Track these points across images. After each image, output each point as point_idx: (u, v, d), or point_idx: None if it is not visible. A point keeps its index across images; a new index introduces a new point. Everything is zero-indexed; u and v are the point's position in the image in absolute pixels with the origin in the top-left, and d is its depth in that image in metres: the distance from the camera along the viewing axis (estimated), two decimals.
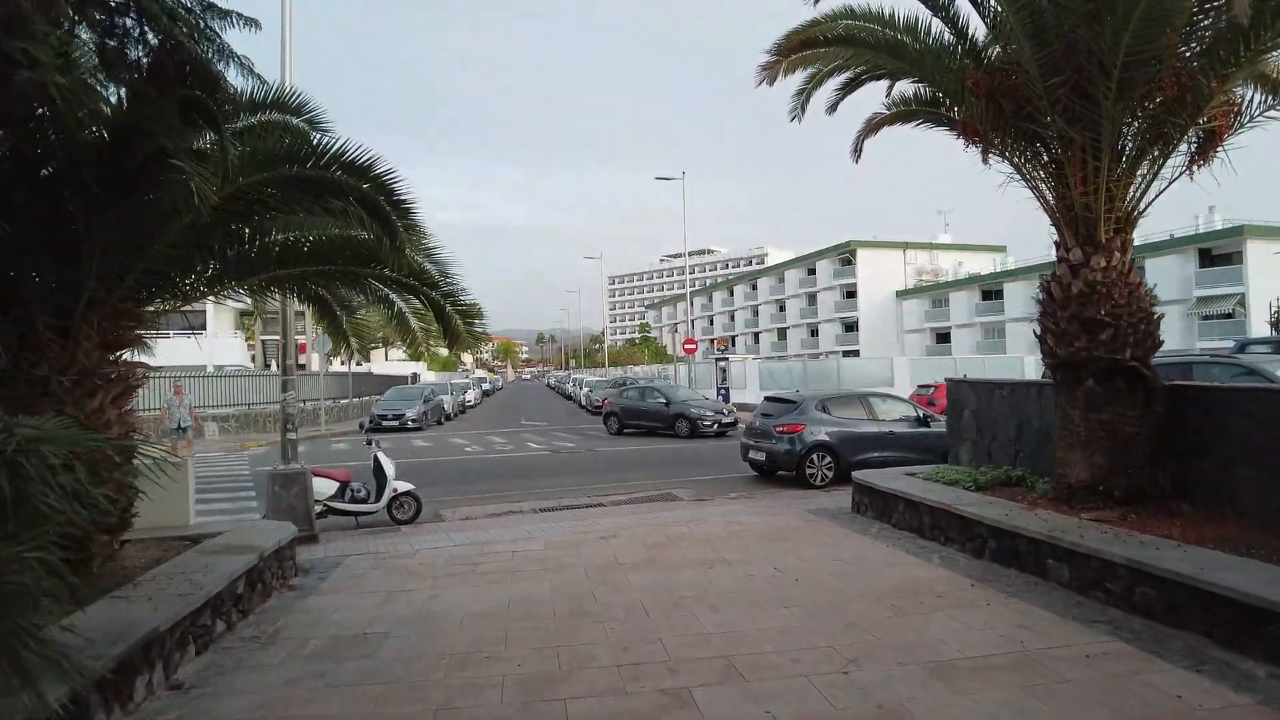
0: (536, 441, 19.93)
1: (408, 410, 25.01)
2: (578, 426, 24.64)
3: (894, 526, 8.16)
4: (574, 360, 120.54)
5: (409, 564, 7.26)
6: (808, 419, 12.44)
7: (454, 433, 23.58)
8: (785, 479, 12.12)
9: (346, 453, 17.68)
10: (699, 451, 16.71)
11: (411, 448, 19.07)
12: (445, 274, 6.25)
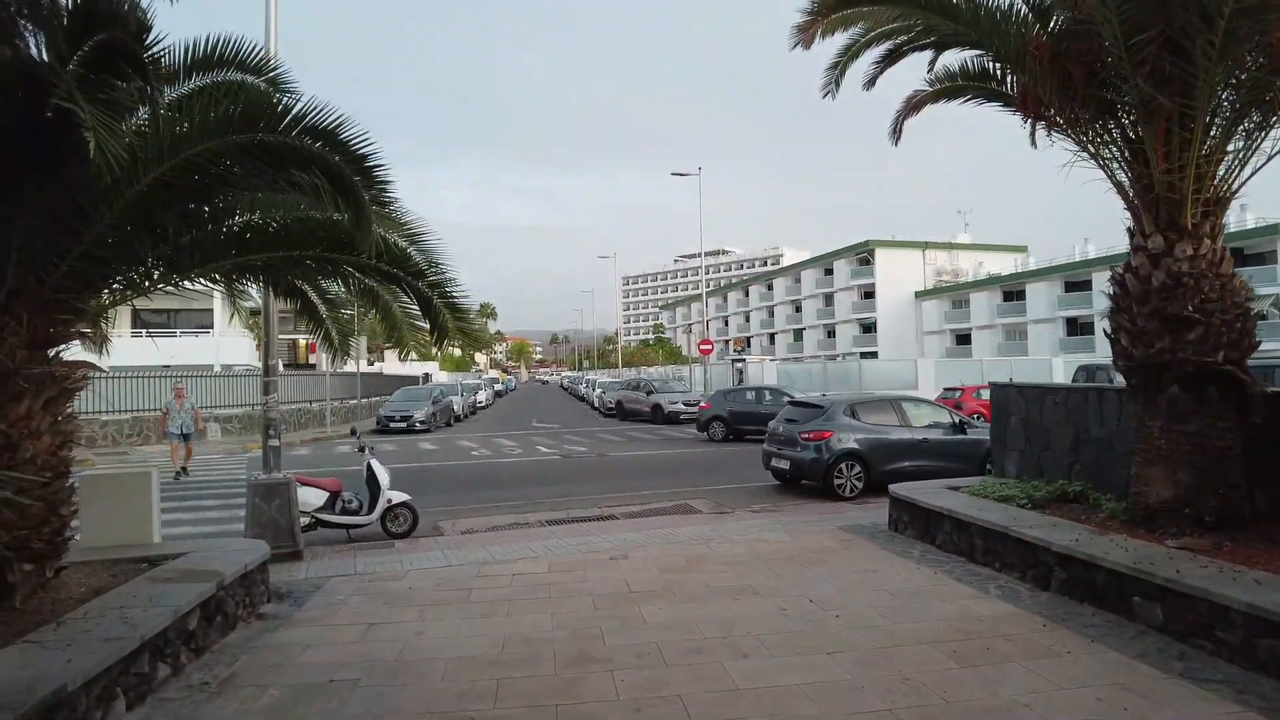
0: (547, 445, 19.44)
1: (415, 411, 24.57)
2: (590, 430, 24.22)
3: (939, 548, 7.39)
4: (588, 361, 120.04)
5: (397, 588, 6.56)
6: (836, 425, 11.59)
7: (463, 435, 23.23)
8: (810, 489, 11.51)
9: (350, 456, 16.97)
10: (718, 458, 16.01)
11: (417, 450, 18.62)
12: (433, 263, 5.44)
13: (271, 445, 7.97)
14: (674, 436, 21.10)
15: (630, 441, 19.85)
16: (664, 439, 20.45)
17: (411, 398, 26.14)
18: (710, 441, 19.27)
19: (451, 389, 31.54)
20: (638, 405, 27.32)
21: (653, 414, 25.97)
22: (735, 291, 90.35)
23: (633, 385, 30.21)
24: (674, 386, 28.35)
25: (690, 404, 25.28)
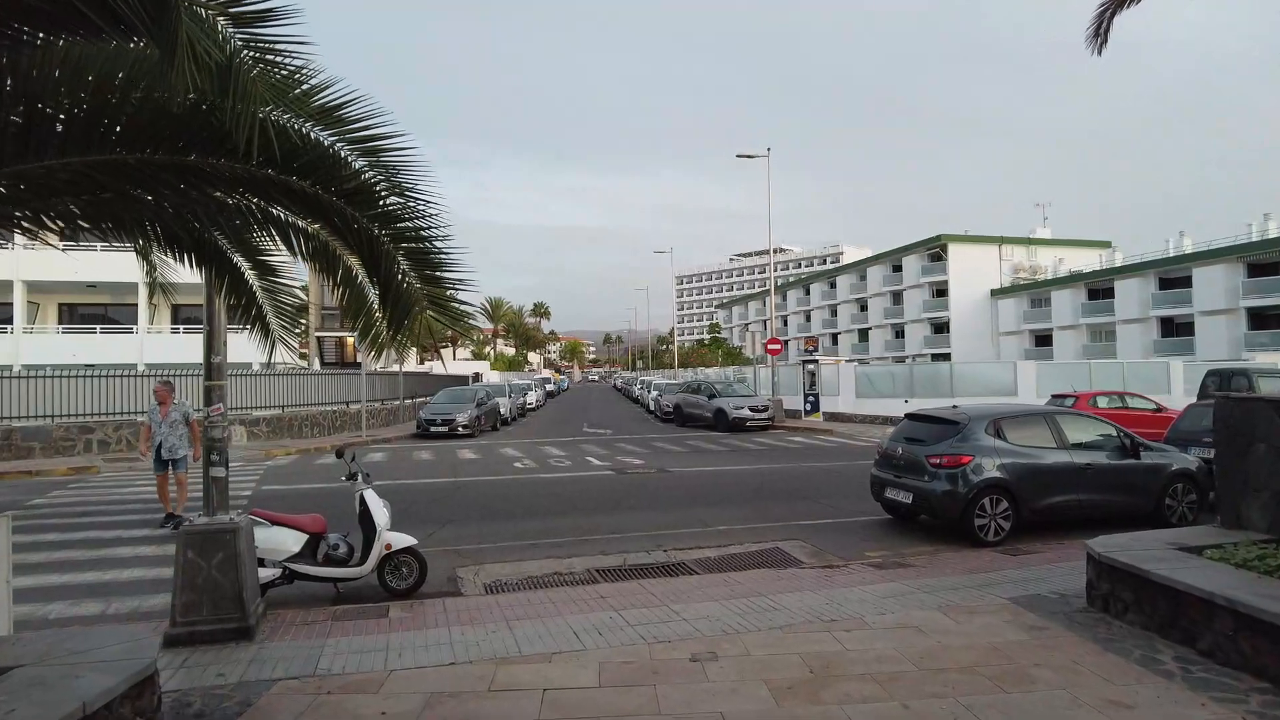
0: (598, 456, 18.28)
1: (458, 415, 23.47)
2: (646, 437, 23.10)
3: (1202, 654, 5.08)
4: (641, 361, 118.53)
5: (366, 709, 4.54)
6: (976, 447, 9.08)
7: (508, 441, 22.38)
8: (934, 526, 9.65)
9: (383, 465, 16.15)
10: (803, 477, 14.59)
11: (454, 461, 17.68)
12: (398, 188, 3.01)
13: (215, 476, 5.74)
14: (742, 447, 19.85)
15: (693, 453, 18.60)
16: (731, 450, 19.16)
17: (455, 399, 25.00)
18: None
19: (499, 390, 30.64)
20: (698, 410, 26.43)
21: (715, 420, 25.02)
22: (795, 290, 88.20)
23: (692, 388, 29.07)
24: (738, 390, 27.31)
25: (758, 409, 24.48)
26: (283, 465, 16.86)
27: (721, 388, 27.26)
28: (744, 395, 26.39)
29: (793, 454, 18.19)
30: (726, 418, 24.66)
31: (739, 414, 24.56)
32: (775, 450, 19.09)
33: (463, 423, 23.75)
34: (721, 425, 24.76)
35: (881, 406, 26.10)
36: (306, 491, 13.09)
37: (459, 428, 23.60)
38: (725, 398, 25.72)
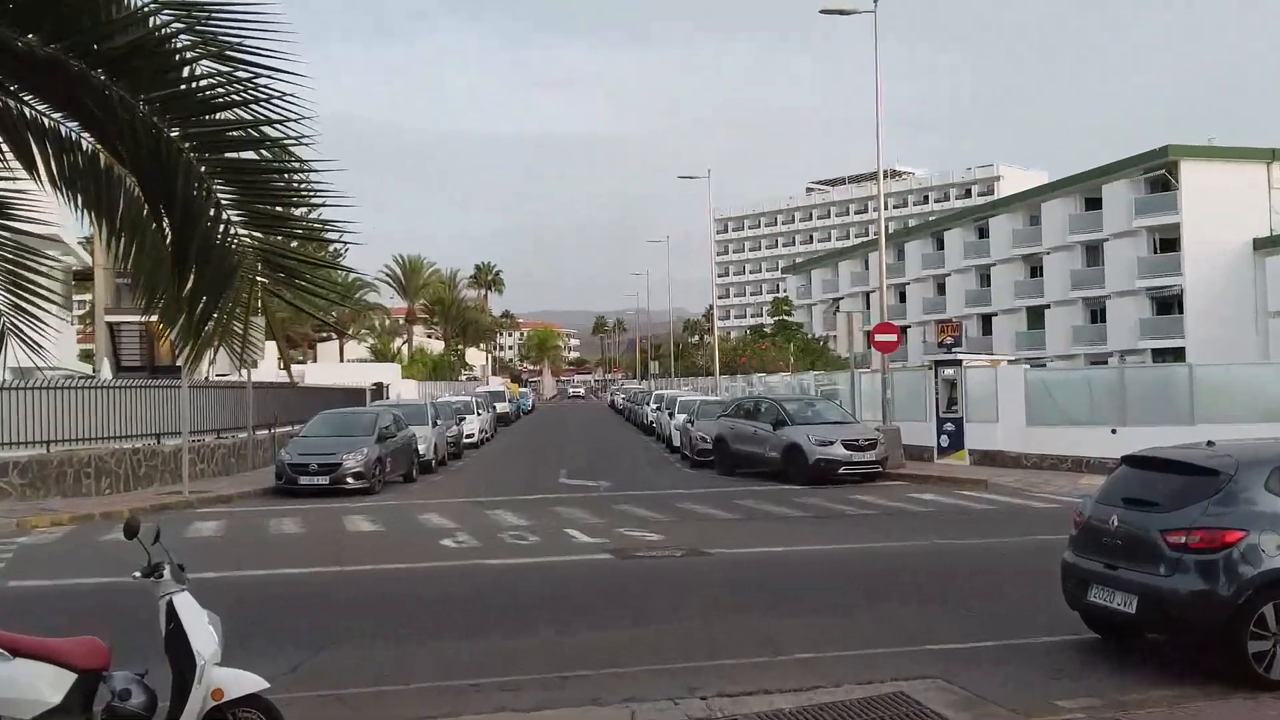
0: (587, 526, 18.99)
1: (345, 457, 24.99)
2: (667, 494, 24.53)
3: None
4: (656, 363, 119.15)
5: None
6: (1251, 514, 8.96)
7: (431, 500, 23.71)
8: (1175, 651, 9.88)
9: (216, 545, 17.05)
10: (932, 563, 15.16)
11: (340, 536, 18.43)
12: (242, 79, 3.05)
13: None
14: (832, 511, 21.00)
15: (749, 521, 19.78)
16: (813, 516, 20.33)
17: (341, 429, 26.65)
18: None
19: (416, 413, 31.72)
20: (756, 447, 27.72)
21: (785, 463, 26.32)
22: (918, 240, 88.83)
23: (746, 409, 29.89)
24: (822, 412, 28.31)
25: (858, 445, 25.78)
26: (44, 545, 17.16)
27: (795, 408, 28.02)
28: (834, 421, 27.08)
29: (920, 523, 18.90)
30: (805, 459, 25.56)
31: (826, 453, 25.43)
32: (890, 517, 19.86)
33: (353, 469, 24.57)
34: (797, 472, 25.71)
35: (1071, 439, 26.30)
36: (81, 591, 13.22)
37: (347, 477, 24.45)
38: (802, 425, 26.47)
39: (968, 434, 27.69)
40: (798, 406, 28.20)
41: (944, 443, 27.94)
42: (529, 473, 30.89)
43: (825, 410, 28.34)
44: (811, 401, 29.88)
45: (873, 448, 25.40)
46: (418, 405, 34.94)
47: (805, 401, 29.70)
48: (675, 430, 36.98)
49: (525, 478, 29.28)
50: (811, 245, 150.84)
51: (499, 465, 34.44)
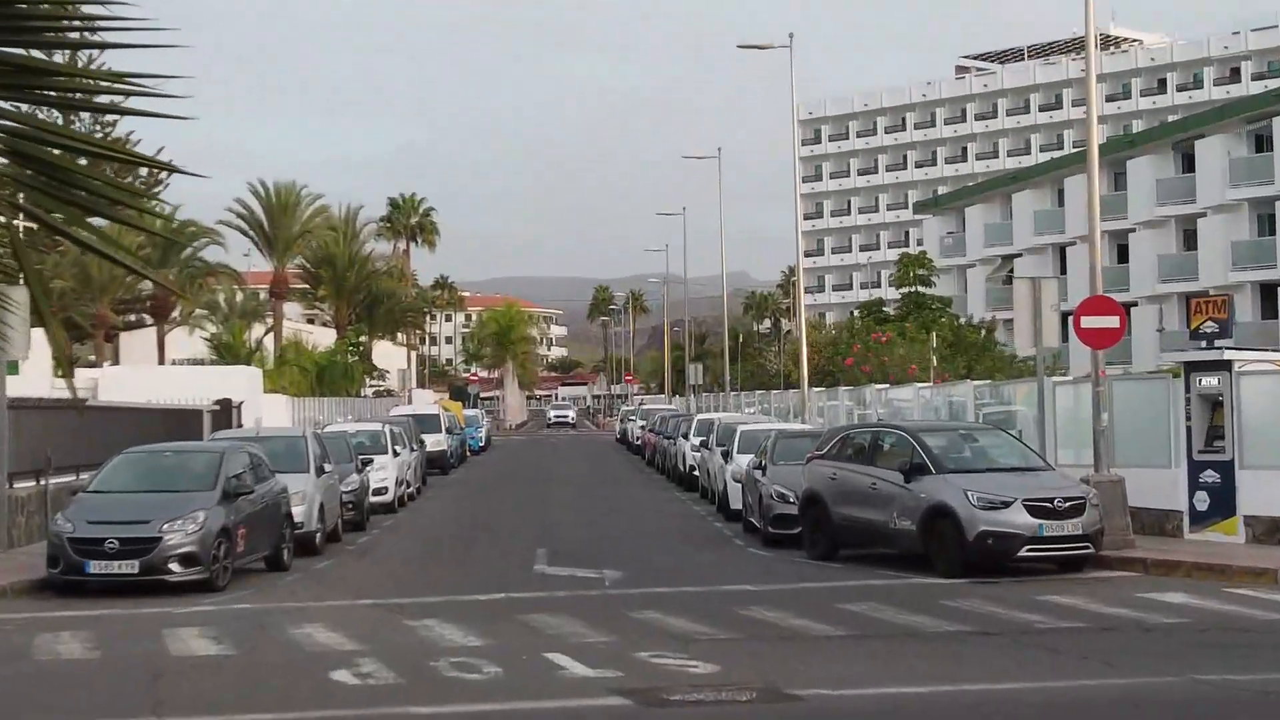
0: (581, 650, 18.87)
1: (168, 526, 25.45)
2: (722, 589, 25.14)
3: None
4: (701, 366, 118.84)
5: None
6: None
7: (316, 597, 24.37)
8: None
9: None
10: (1136, 710, 15.42)
11: (157, 663, 18.61)
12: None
13: None
14: (1013, 624, 20.82)
15: (861, 638, 20.00)
16: (977, 633, 20.26)
17: (159, 479, 27.58)
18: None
19: (289, 451, 32.98)
20: (873, 511, 27.83)
21: (926, 538, 26.37)
22: (1152, 155, 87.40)
23: (855, 446, 30.55)
24: (990, 453, 28.72)
25: (1054, 508, 25.71)
26: None
27: (942, 445, 28.15)
28: (1009, 468, 27.25)
29: (1168, 647, 18.77)
30: (960, 533, 25.59)
31: (998, 523, 25.48)
32: (1111, 635, 19.70)
33: (181, 548, 25.07)
34: (946, 556, 25.95)
35: None
36: None
37: (171, 563, 24.94)
38: (955, 475, 26.54)
39: (1242, 489, 27.35)
40: (946, 442, 28.37)
41: (1201, 504, 27.53)
42: (483, 553, 31.01)
43: (994, 448, 28.38)
44: (970, 433, 29.87)
45: (1078, 513, 25.17)
46: (291, 438, 35.11)
47: (959, 433, 30.01)
48: (733, 482, 37.18)
49: (477, 562, 29.36)
50: (964, 165, 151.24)
51: (431, 541, 34.59)
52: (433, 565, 29.37)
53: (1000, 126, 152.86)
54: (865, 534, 27.95)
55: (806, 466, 30.23)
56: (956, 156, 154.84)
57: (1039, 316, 30.43)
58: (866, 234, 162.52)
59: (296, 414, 63.36)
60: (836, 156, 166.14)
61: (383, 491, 41.02)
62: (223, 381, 60.71)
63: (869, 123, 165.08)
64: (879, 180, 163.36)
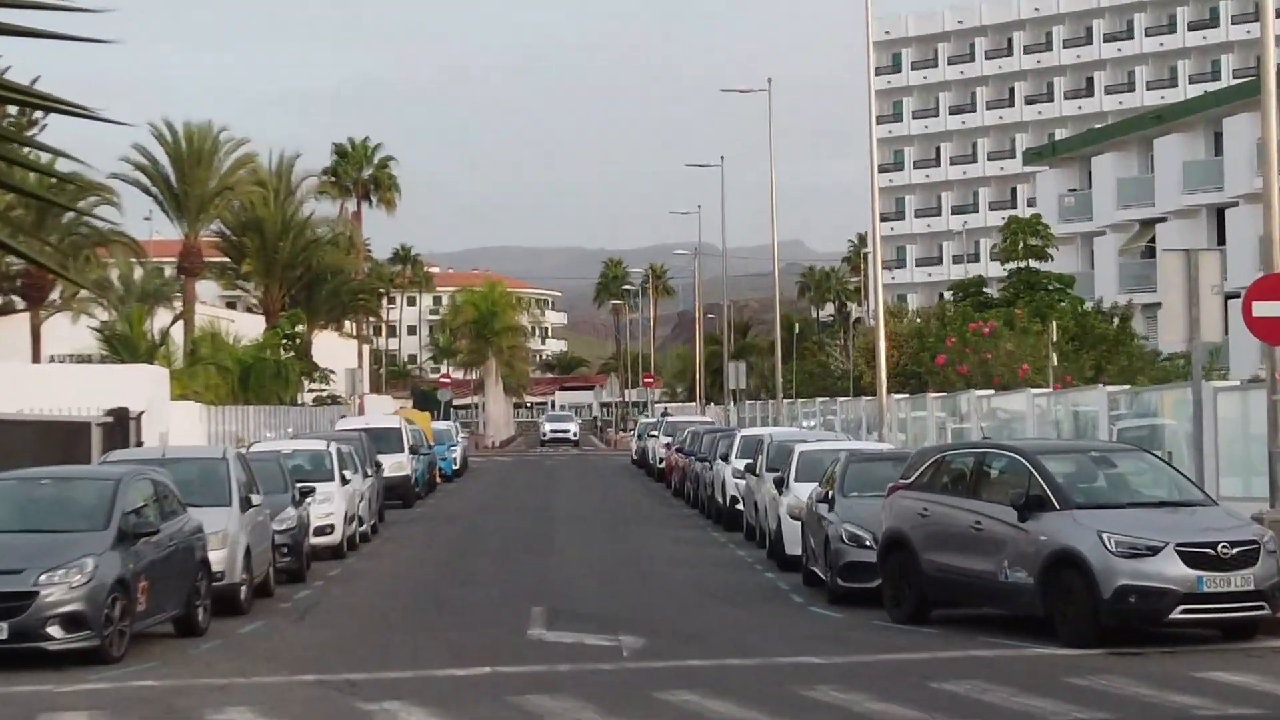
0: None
1: (44, 578, 25.45)
2: (781, 668, 24.99)
3: None
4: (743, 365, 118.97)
5: None
6: None
7: (239, 672, 24.77)
8: None
9: None
10: None
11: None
12: None
13: None
14: (1166, 706, 20.98)
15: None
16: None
17: (33, 515, 27.81)
18: None
19: (206, 477, 33.30)
20: (976, 559, 27.78)
21: (1046, 595, 26.02)
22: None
23: (951, 473, 30.64)
24: (1131, 481, 28.90)
25: (1216, 554, 25.45)
26: None
27: (1067, 471, 28.00)
28: (1156, 502, 27.14)
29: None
30: (1093, 588, 25.43)
31: (1143, 575, 25.30)
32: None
33: (62, 606, 24.91)
34: (1074, 617, 25.75)
35: None
36: None
37: (49, 624, 24.79)
38: (1085, 512, 26.26)
39: None
40: (1074, 467, 28.30)
41: None
42: (460, 613, 31.31)
43: (1137, 475, 28.41)
44: (1105, 455, 29.71)
45: (1249, 562, 24.79)
46: (208, 461, 35.38)
47: (1091, 455, 29.85)
48: (789, 520, 37.38)
49: (453, 625, 29.53)
50: (1089, 100, 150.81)
51: (391, 596, 34.60)
52: (394, 629, 29.26)
53: (1137, 50, 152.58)
54: (966, 589, 27.80)
55: (888, 500, 30.07)
56: (1079, 90, 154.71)
57: (1193, 301, 30.27)
58: (961, 192, 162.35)
59: (214, 428, 63.38)
60: (921, 90, 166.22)
61: (328, 531, 40.89)
62: (117, 384, 59.45)
63: (964, 45, 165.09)
64: (977, 121, 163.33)
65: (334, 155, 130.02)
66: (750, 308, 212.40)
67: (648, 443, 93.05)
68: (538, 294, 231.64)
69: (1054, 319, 74.14)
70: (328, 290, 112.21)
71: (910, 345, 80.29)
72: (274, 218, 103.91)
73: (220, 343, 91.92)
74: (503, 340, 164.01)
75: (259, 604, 31.85)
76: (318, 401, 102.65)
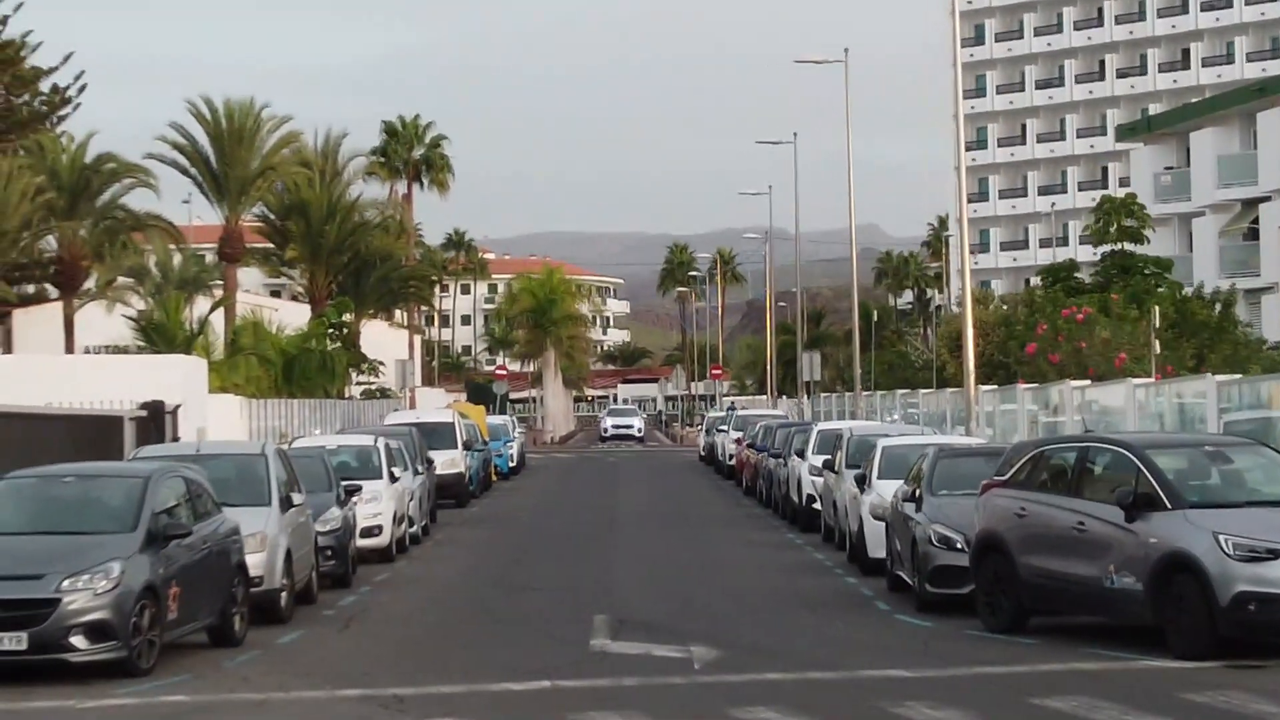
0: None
1: (68, 583, 25.17)
2: (865, 681, 25.04)
3: None
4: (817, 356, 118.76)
5: None
6: None
7: (277, 686, 24.68)
8: None
9: None
10: None
11: None
12: None
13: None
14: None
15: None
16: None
17: (55, 515, 27.84)
18: None
19: (243, 475, 33.51)
20: (1078, 563, 27.40)
21: (1157, 603, 25.61)
22: None
23: (1049, 469, 29.81)
24: (1248, 478, 28.18)
25: None
26: None
27: (1177, 467, 27.43)
28: (1275, 500, 26.52)
29: None
30: (1209, 595, 24.81)
31: (1265, 577, 24.61)
32: None
33: (88, 615, 24.61)
34: (1187, 627, 25.51)
35: None
36: None
37: (73, 634, 24.46)
38: (1198, 511, 25.76)
39: None
40: (1187, 463, 27.83)
41: None
42: (518, 622, 31.35)
43: (1255, 471, 27.87)
44: (1220, 450, 29.27)
45: None
46: (246, 457, 35.39)
47: (1205, 450, 29.43)
48: (872, 520, 37.42)
49: (509, 634, 29.64)
50: (1186, 73, 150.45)
51: (443, 603, 34.39)
52: (446, 640, 29.29)
53: (1237, 19, 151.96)
54: (1067, 595, 27.37)
55: (982, 499, 29.89)
56: (1174, 62, 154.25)
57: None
58: (1048, 171, 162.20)
59: (255, 422, 63.50)
60: (1006, 63, 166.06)
61: (375, 532, 40.75)
62: (152, 376, 59.52)
63: (1051, 15, 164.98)
64: (1065, 96, 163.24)
65: (383, 134, 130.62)
66: (823, 296, 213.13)
67: (716, 438, 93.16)
68: (598, 281, 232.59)
69: (1154, 304, 73.88)
70: (377, 277, 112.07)
71: (997, 334, 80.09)
72: (320, 200, 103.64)
73: (262, 332, 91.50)
74: (562, 330, 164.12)
75: (300, 611, 31.79)
76: (366, 395, 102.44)
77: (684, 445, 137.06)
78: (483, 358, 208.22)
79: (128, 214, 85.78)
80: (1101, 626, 26.97)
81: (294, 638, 28.99)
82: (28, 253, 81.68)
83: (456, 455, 63.27)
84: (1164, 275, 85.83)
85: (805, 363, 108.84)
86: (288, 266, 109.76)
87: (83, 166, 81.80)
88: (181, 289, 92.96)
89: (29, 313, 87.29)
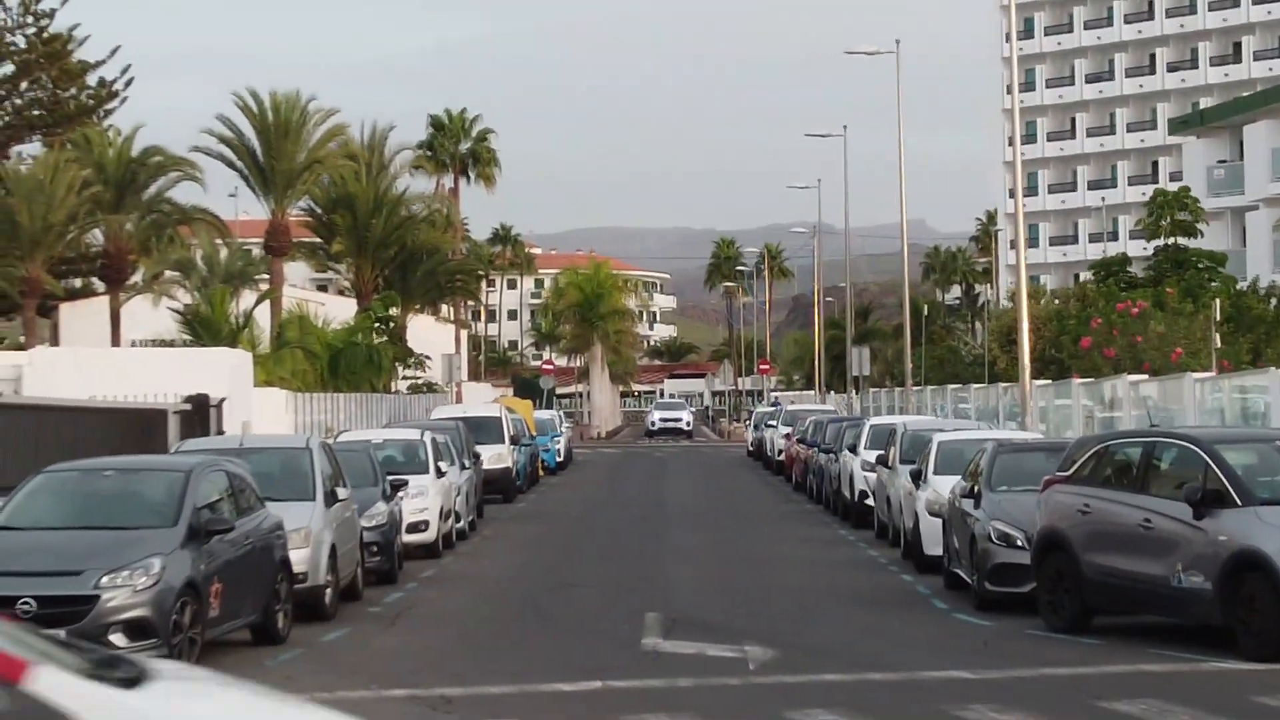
0: None
1: (108, 579, 25.29)
2: (924, 682, 25.20)
3: None
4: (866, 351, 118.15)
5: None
6: None
7: (325, 685, 24.36)
8: None
9: None
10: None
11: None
12: None
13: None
14: None
15: None
16: None
17: (96, 510, 28.07)
18: None
19: (287, 469, 33.83)
20: (1143, 561, 27.61)
21: (1226, 603, 25.67)
22: None
23: (1112, 464, 30.67)
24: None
25: None
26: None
27: (1245, 463, 27.79)
28: None
29: None
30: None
31: None
32: None
33: (128, 611, 24.72)
34: (1258, 628, 25.46)
35: None
36: None
37: (113, 631, 24.45)
38: (1270, 508, 25.99)
39: None
40: (1257, 458, 27.83)
41: None
42: (567, 620, 31.44)
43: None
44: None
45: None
46: (291, 451, 35.51)
47: (1273, 444, 29.40)
48: (929, 517, 37.45)
49: (559, 633, 29.77)
50: (1238, 66, 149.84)
51: (491, 600, 34.25)
52: (494, 638, 29.22)
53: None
54: (1133, 594, 27.24)
55: (1044, 495, 29.76)
56: (1226, 55, 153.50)
57: None
58: (1098, 165, 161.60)
59: (301, 416, 63.52)
60: (1055, 57, 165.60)
61: (421, 527, 40.76)
62: (198, 370, 59.78)
63: (1101, 9, 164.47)
64: (1115, 89, 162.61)
65: (429, 127, 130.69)
66: (869, 291, 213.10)
67: (765, 433, 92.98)
68: (645, 276, 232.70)
69: (1212, 298, 73.62)
70: (423, 271, 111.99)
71: (1049, 328, 79.65)
72: (366, 194, 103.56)
73: (308, 326, 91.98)
74: (609, 324, 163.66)
75: (345, 608, 31.90)
76: (413, 389, 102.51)
77: (731, 441, 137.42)
78: (529, 352, 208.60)
79: (174, 207, 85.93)
80: (1168, 626, 26.86)
81: (338, 636, 29.00)
82: (75, 246, 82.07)
83: (503, 450, 63.38)
84: (1218, 269, 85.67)
85: (854, 357, 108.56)
86: (334, 260, 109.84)
87: (129, 160, 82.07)
88: (227, 283, 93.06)
89: (76, 306, 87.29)
